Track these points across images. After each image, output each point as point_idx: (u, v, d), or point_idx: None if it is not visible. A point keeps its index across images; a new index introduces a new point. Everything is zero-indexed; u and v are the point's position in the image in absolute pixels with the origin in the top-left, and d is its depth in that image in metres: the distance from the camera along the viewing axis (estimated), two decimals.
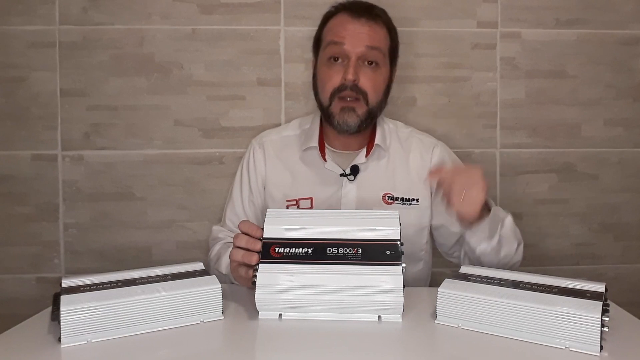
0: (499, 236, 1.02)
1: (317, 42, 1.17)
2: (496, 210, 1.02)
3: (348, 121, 1.09)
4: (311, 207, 1.13)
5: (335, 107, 1.09)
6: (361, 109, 1.09)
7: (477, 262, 1.05)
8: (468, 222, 0.97)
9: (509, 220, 1.05)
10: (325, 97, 1.10)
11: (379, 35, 1.10)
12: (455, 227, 1.10)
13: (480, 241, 1.01)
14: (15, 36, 1.33)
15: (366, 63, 1.08)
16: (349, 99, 1.08)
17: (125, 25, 1.34)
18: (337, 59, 1.09)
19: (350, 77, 1.06)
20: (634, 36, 1.41)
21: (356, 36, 1.07)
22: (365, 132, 1.14)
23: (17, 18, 1.33)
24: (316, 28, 1.18)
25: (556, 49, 1.40)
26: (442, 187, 0.93)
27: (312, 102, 1.36)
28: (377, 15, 1.11)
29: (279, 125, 1.35)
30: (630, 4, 1.40)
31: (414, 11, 1.36)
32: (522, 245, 1.09)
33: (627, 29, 1.41)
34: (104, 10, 1.34)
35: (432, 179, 0.99)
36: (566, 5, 1.39)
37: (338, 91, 1.08)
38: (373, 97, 1.09)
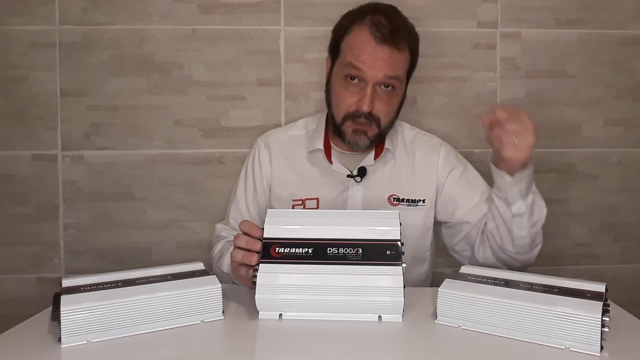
0: (533, 196, 1.02)
1: (335, 48, 1.12)
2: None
3: (359, 142, 1.09)
4: (317, 208, 1.13)
5: (348, 128, 1.09)
6: (372, 132, 1.09)
7: (506, 234, 1.03)
8: (515, 166, 0.96)
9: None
10: (338, 116, 1.10)
11: (399, 62, 1.07)
12: (467, 215, 1.10)
13: (518, 195, 1.00)
14: (15, 36, 1.33)
15: (382, 87, 1.07)
16: (360, 121, 1.08)
17: (125, 25, 1.34)
18: (354, 79, 1.07)
19: (365, 108, 1.05)
20: (634, 36, 1.41)
21: (376, 63, 1.04)
22: None
23: (17, 18, 1.33)
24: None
25: (556, 49, 1.40)
26: (493, 131, 0.94)
27: (312, 102, 1.37)
28: (401, 40, 1.07)
29: (279, 125, 1.35)
30: (630, 4, 1.40)
31: (414, 11, 1.35)
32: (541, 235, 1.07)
33: (627, 29, 1.41)
34: (104, 10, 1.34)
35: (485, 121, 0.97)
36: (566, 5, 1.39)
37: (352, 116, 1.08)
38: (386, 120, 1.09)
